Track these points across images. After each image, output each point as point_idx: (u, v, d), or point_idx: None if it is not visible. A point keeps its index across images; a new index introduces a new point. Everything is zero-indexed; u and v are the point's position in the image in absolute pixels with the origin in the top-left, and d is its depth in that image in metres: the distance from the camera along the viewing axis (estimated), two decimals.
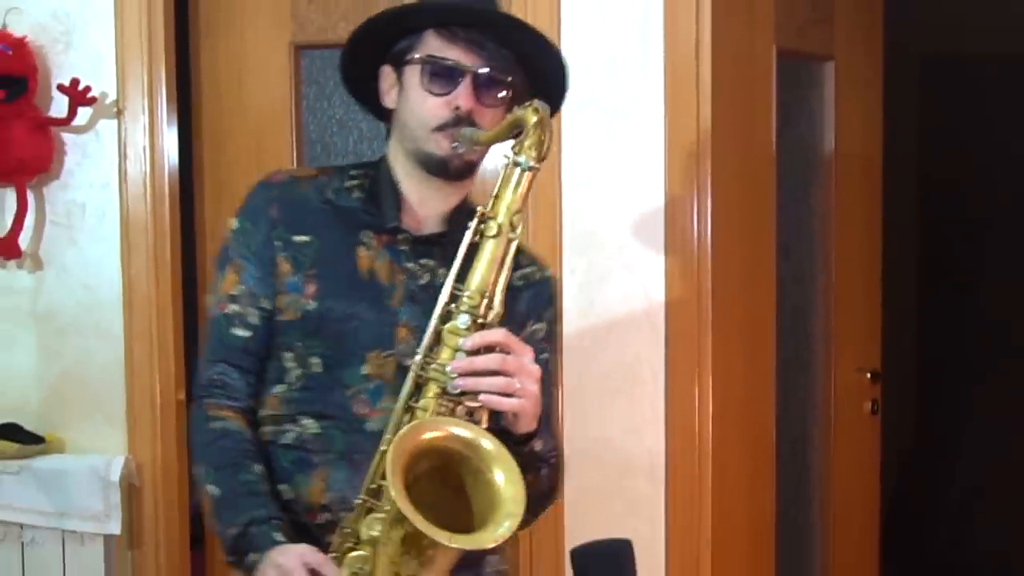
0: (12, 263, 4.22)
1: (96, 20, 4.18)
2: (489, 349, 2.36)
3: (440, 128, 2.54)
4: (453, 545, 2.22)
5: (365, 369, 2.54)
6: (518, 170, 2.42)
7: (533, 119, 2.38)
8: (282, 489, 2.55)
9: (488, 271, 2.40)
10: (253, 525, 2.45)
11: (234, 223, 2.69)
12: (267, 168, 4.07)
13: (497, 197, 2.43)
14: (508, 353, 2.36)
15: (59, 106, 4.13)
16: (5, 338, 4.28)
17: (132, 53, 4.15)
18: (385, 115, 2.74)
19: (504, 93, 2.60)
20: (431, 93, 2.56)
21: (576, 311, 4.02)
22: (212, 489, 2.54)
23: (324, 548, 2.38)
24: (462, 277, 2.41)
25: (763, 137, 4.42)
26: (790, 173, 4.63)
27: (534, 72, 2.68)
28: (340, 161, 4.30)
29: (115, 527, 4.11)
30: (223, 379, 2.64)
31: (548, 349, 2.73)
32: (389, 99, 2.68)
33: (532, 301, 2.72)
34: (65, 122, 4.12)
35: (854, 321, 4.89)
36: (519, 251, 2.60)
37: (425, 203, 2.66)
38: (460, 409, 2.35)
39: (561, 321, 3.01)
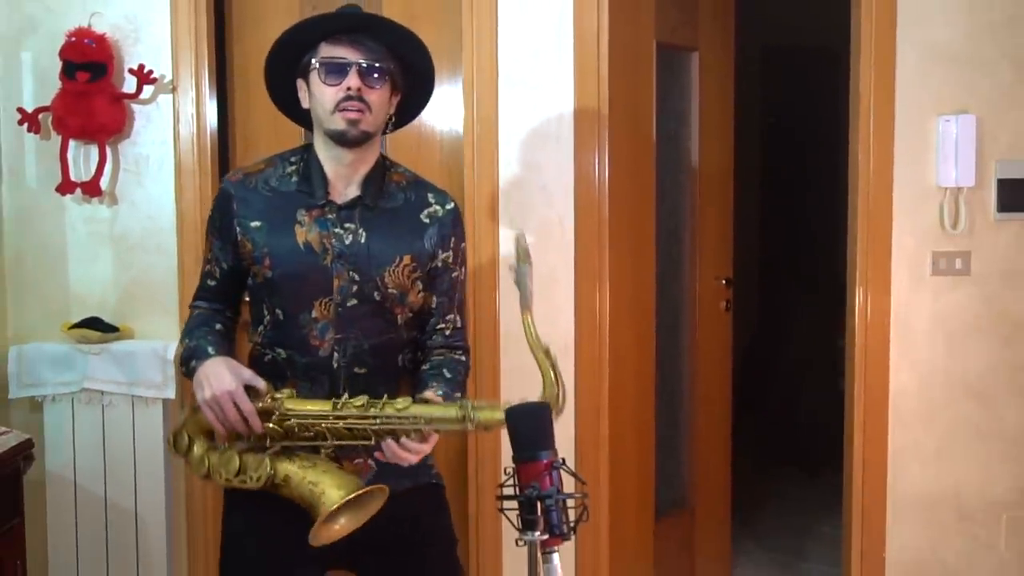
0: (95, 199, 4.26)
1: (157, 21, 4.22)
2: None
3: (337, 107, 2.69)
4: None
5: (314, 313, 2.74)
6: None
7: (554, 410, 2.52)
8: None
9: (442, 423, 2.59)
10: (193, 341, 2.73)
11: (212, 208, 2.88)
12: (281, 129, 4.16)
13: (487, 407, 2.60)
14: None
15: (130, 84, 4.18)
16: (90, 254, 4.32)
17: (183, 45, 4.21)
18: (305, 116, 2.83)
19: (383, 77, 2.73)
20: (327, 84, 2.69)
21: (511, 237, 4.11)
22: (185, 342, 2.78)
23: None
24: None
25: (646, 108, 4.51)
26: (666, 133, 4.71)
27: (403, 60, 2.82)
28: None
29: (170, 393, 4.20)
30: (200, 304, 2.90)
31: (457, 268, 2.90)
32: (305, 102, 2.79)
33: (438, 235, 2.84)
34: (134, 96, 4.19)
35: (712, 242, 4.98)
36: (428, 187, 2.91)
37: (341, 177, 2.78)
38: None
39: (496, 223, 3.37)
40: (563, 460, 2.61)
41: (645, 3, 4.48)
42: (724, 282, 5.04)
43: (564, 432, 3.99)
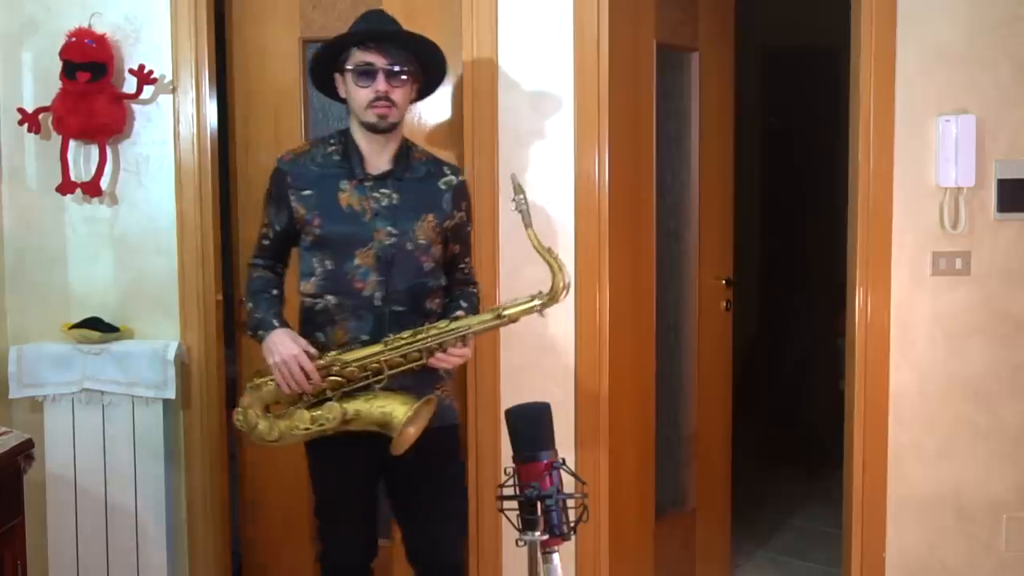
0: (96, 200, 4.27)
1: (157, 21, 4.23)
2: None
3: (369, 105, 3.36)
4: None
5: (356, 261, 3.38)
6: (538, 304, 3.28)
7: (562, 295, 3.27)
8: (318, 335, 3.41)
9: (480, 327, 3.33)
10: (260, 312, 3.44)
11: (268, 184, 3.52)
12: (282, 129, 4.36)
13: (515, 304, 3.29)
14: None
15: (130, 85, 4.19)
16: (91, 254, 4.33)
17: (183, 45, 4.22)
18: (342, 100, 3.52)
19: (406, 78, 3.40)
20: (360, 87, 3.37)
21: (509, 235, 4.16)
22: (248, 305, 3.49)
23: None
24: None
25: (646, 107, 4.51)
26: (666, 133, 4.71)
27: (423, 62, 3.47)
28: (335, 122, 4.36)
29: (171, 393, 4.21)
30: (258, 262, 3.58)
31: (468, 224, 3.63)
32: (343, 93, 3.48)
33: (453, 199, 3.53)
34: (134, 96, 4.20)
35: (713, 242, 4.95)
36: (442, 162, 3.60)
37: (375, 153, 3.46)
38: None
39: (496, 222, 4.08)
40: (563, 460, 2.63)
41: (645, 3, 4.47)
42: (724, 282, 5.02)
43: (564, 432, 4.03)
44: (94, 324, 4.28)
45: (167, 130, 4.29)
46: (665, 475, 4.85)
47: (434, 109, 4.33)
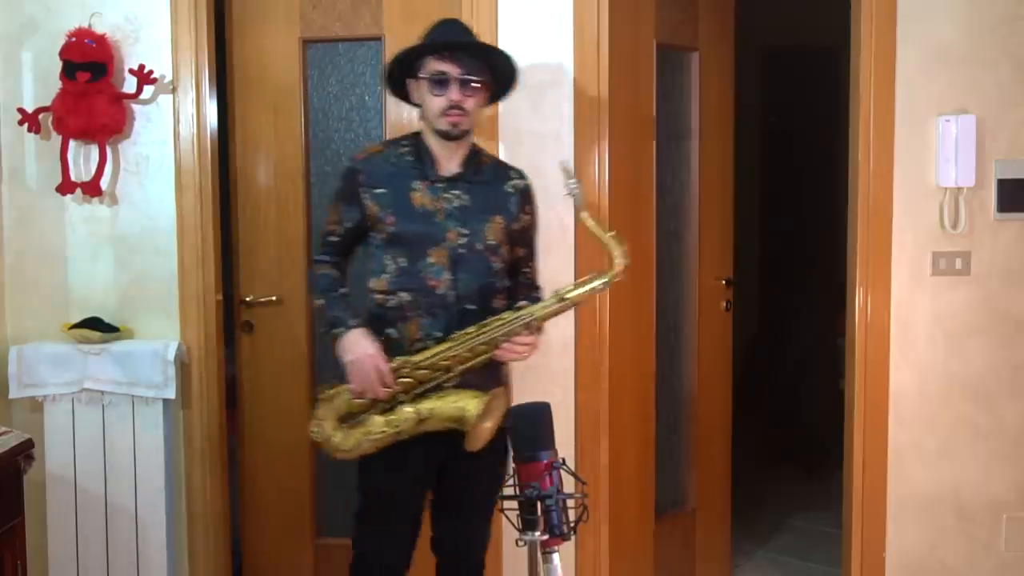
0: (95, 199, 4.27)
1: (157, 21, 4.24)
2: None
3: (443, 113, 3.41)
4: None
5: (430, 259, 3.41)
6: (599, 284, 3.34)
7: (617, 275, 3.34)
8: (390, 332, 3.43)
9: (544, 313, 3.34)
10: (336, 311, 3.46)
11: (338, 182, 3.59)
12: (282, 130, 4.39)
13: (576, 286, 3.36)
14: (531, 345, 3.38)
15: (130, 84, 4.19)
16: (91, 254, 4.33)
17: (183, 45, 4.22)
18: (416, 105, 3.55)
19: (479, 86, 3.45)
20: (434, 95, 3.42)
21: None
22: (319, 302, 3.52)
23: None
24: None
25: (646, 107, 4.51)
26: (666, 133, 4.70)
27: (495, 70, 3.52)
28: (335, 122, 4.45)
29: (171, 393, 4.20)
30: (324, 259, 3.57)
31: (533, 226, 3.67)
32: (416, 99, 3.52)
33: (520, 201, 3.58)
34: (134, 96, 4.20)
35: (713, 242, 4.94)
36: (508, 166, 3.68)
37: (445, 157, 3.50)
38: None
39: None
40: (563, 460, 2.64)
41: (645, 3, 4.48)
42: (724, 282, 5.02)
43: (564, 432, 4.02)
44: (94, 324, 4.27)
45: (167, 130, 4.29)
46: (665, 475, 4.84)
47: None
